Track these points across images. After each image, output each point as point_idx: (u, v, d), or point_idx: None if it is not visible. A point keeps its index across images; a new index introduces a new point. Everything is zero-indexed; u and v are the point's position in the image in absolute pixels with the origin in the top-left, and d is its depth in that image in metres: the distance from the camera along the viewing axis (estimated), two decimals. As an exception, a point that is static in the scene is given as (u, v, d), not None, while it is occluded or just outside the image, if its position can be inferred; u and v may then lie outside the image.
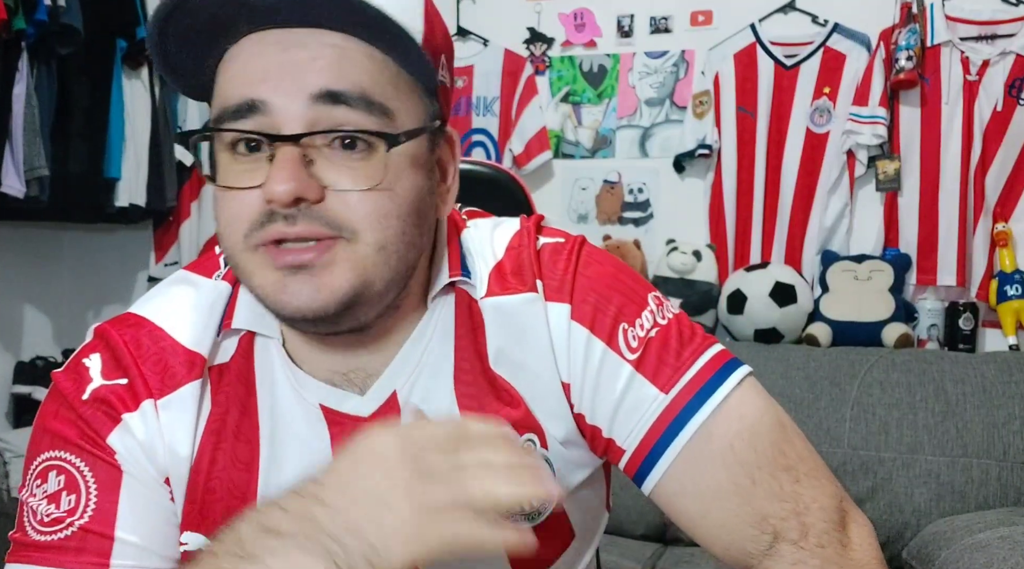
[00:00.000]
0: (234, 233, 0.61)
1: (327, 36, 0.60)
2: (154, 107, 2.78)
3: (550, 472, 0.68)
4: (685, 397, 0.66)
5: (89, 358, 0.68)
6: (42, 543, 0.63)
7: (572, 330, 0.67)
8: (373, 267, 0.61)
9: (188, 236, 2.98)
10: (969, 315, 2.29)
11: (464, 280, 0.69)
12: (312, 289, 0.59)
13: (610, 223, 2.68)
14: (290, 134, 0.58)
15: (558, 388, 0.68)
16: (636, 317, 0.68)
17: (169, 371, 0.67)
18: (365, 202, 0.59)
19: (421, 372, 0.68)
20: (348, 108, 0.59)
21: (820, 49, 2.45)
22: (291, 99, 0.58)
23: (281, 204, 0.58)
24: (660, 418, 0.65)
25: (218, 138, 0.61)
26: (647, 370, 0.66)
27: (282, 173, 0.57)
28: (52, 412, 0.67)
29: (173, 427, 0.66)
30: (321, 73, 0.58)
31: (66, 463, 0.65)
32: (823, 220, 2.44)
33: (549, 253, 0.70)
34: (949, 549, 1.64)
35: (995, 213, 2.31)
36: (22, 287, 2.83)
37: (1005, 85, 2.27)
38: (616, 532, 2.08)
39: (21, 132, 2.26)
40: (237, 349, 0.69)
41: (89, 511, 0.64)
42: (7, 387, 2.76)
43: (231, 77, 0.60)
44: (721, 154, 2.54)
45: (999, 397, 1.99)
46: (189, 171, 2.97)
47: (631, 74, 2.66)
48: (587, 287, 0.68)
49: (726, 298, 2.40)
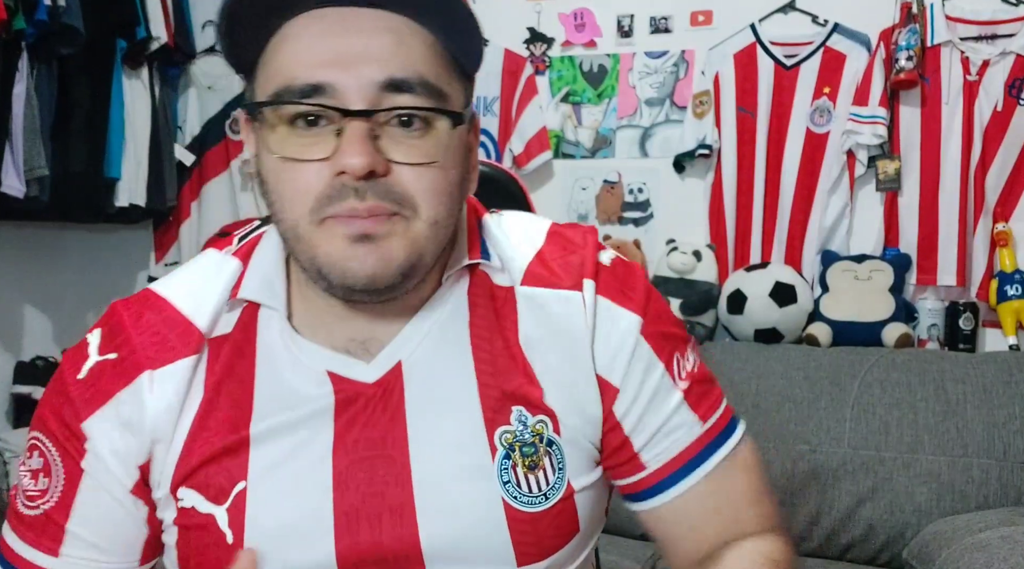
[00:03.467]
0: (300, 205, 0.62)
1: (385, 19, 0.62)
2: (154, 107, 2.78)
3: (560, 457, 0.70)
4: (718, 428, 0.74)
5: (92, 333, 0.72)
6: (21, 514, 0.71)
7: (639, 343, 0.71)
8: (426, 241, 0.64)
9: (188, 236, 2.98)
10: (969, 315, 2.29)
11: (485, 263, 0.72)
12: (376, 258, 0.62)
13: (610, 223, 2.68)
14: (362, 110, 0.60)
15: (592, 385, 0.71)
16: (685, 351, 0.74)
17: (167, 343, 0.69)
18: (424, 178, 0.62)
19: (427, 344, 0.70)
20: (411, 95, 0.61)
21: (820, 49, 2.45)
22: (356, 85, 0.60)
23: (355, 176, 0.60)
24: (695, 444, 0.72)
25: (277, 112, 0.62)
26: (692, 400, 0.73)
27: (356, 146, 0.60)
28: (48, 393, 0.71)
29: (167, 396, 0.68)
30: (384, 61, 0.61)
31: (44, 447, 0.70)
32: (823, 220, 2.44)
33: (621, 266, 0.75)
34: (949, 549, 1.64)
35: (995, 213, 2.31)
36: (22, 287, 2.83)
37: (1005, 85, 2.27)
38: (616, 532, 2.08)
39: (21, 132, 2.26)
40: (239, 321, 0.71)
41: (54, 498, 0.69)
42: (7, 387, 2.75)
43: (293, 56, 0.62)
44: (721, 154, 2.54)
45: (999, 397, 1.99)
46: (189, 171, 2.97)
47: (631, 74, 2.66)
48: (660, 310, 0.74)
49: (726, 298, 2.40)
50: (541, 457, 0.69)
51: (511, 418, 0.69)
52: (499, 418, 0.69)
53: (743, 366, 2.20)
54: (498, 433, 0.69)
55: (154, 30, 2.67)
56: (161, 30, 2.70)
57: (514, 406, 0.69)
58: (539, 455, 0.69)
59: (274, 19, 0.63)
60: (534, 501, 0.69)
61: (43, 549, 0.69)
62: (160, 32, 2.69)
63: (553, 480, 0.69)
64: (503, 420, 0.69)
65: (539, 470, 0.69)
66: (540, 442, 0.69)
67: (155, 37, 2.68)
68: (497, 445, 0.68)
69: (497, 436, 0.69)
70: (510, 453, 0.68)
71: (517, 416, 0.69)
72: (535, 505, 0.69)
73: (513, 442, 0.69)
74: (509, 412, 0.69)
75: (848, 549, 2.01)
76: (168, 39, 2.73)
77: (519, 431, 0.69)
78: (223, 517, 0.68)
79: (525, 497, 0.68)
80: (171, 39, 2.74)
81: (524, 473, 0.69)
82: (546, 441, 0.69)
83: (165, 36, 2.71)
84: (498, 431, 0.69)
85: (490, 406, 0.69)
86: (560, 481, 0.70)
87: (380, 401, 0.68)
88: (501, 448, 0.68)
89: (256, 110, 0.63)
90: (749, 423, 0.77)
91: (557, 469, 0.70)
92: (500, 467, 0.68)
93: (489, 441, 0.68)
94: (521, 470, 0.68)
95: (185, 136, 2.98)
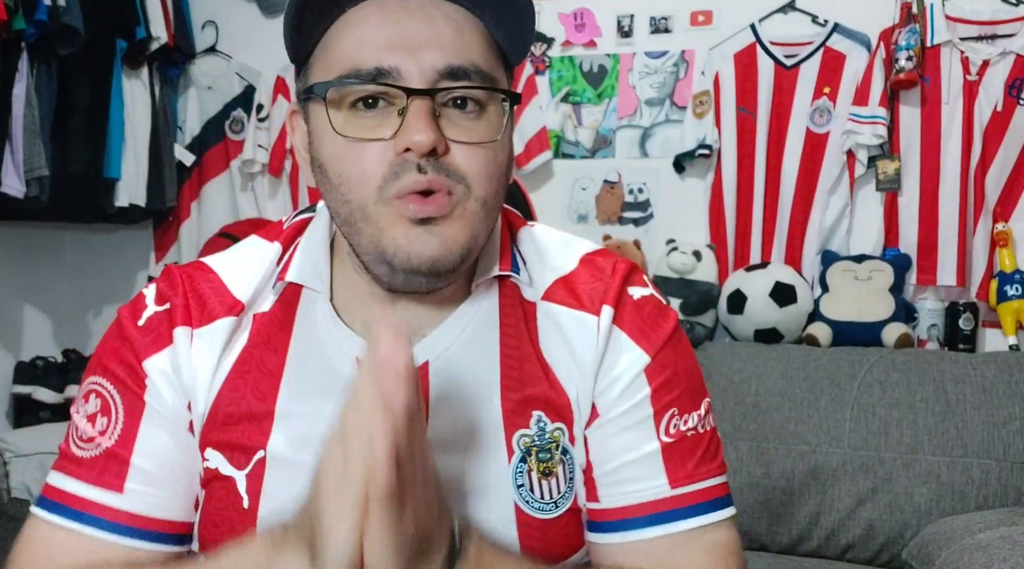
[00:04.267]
0: (367, 185, 0.64)
1: (443, 7, 0.65)
2: (154, 107, 2.79)
3: (571, 467, 0.70)
4: (687, 501, 0.69)
5: (148, 288, 0.76)
6: (77, 457, 0.71)
7: (638, 379, 0.70)
8: (479, 221, 0.66)
9: (188, 236, 2.98)
10: (969, 315, 2.29)
11: (514, 276, 0.73)
12: (439, 241, 0.64)
13: (610, 223, 2.68)
14: (425, 88, 0.63)
15: (588, 403, 0.71)
16: (687, 412, 0.71)
17: (209, 307, 0.73)
18: (478, 158, 0.65)
19: (456, 347, 0.71)
20: (468, 80, 0.64)
21: (820, 49, 2.45)
22: (419, 69, 0.63)
23: (419, 153, 0.62)
24: (655, 502, 0.69)
25: (339, 94, 0.64)
26: (669, 460, 0.70)
27: (421, 121, 0.62)
28: (106, 341, 0.74)
29: (203, 354, 0.71)
30: (444, 49, 0.63)
31: (104, 389, 0.72)
32: (823, 220, 2.44)
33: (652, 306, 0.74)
34: (949, 549, 1.64)
35: (995, 213, 2.31)
36: (22, 287, 2.83)
37: (1005, 85, 2.27)
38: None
39: (21, 132, 2.27)
40: (280, 299, 0.74)
41: (115, 435, 0.70)
42: (7, 387, 2.76)
43: (358, 42, 0.64)
44: (721, 154, 2.54)
45: (999, 397, 1.99)
46: (189, 171, 2.97)
47: (631, 74, 2.66)
48: (671, 357, 0.72)
49: (726, 298, 2.40)
50: (556, 464, 0.69)
51: (531, 422, 0.69)
52: (519, 421, 0.69)
53: (743, 366, 2.20)
54: (516, 436, 0.69)
55: (154, 30, 2.67)
56: (161, 30, 2.70)
57: (535, 410, 0.70)
58: (554, 462, 0.69)
59: (338, 8, 0.65)
60: (545, 508, 0.69)
61: (106, 485, 0.69)
62: (160, 32, 2.70)
63: (564, 489, 0.70)
64: (523, 423, 0.69)
65: (552, 477, 0.70)
66: (556, 449, 0.70)
67: (155, 37, 2.68)
68: (515, 448, 0.69)
69: (515, 439, 0.69)
70: (526, 457, 0.69)
71: (536, 421, 0.70)
72: (546, 512, 0.69)
73: (530, 446, 0.69)
74: (529, 416, 0.70)
75: (848, 549, 2.01)
76: (168, 39, 2.73)
77: (537, 436, 0.69)
78: (242, 482, 0.70)
79: (537, 503, 0.69)
80: (171, 39, 2.75)
81: (538, 478, 0.69)
82: (561, 449, 0.70)
83: (165, 36, 2.71)
84: (516, 434, 0.69)
85: (511, 409, 0.69)
86: (570, 491, 0.70)
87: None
88: (518, 451, 0.69)
89: (321, 91, 0.65)
90: (749, 423, 0.76)
91: (568, 478, 0.70)
92: (516, 470, 0.69)
93: (507, 443, 0.69)
94: (536, 475, 0.69)
95: (185, 136, 2.98)
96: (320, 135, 0.66)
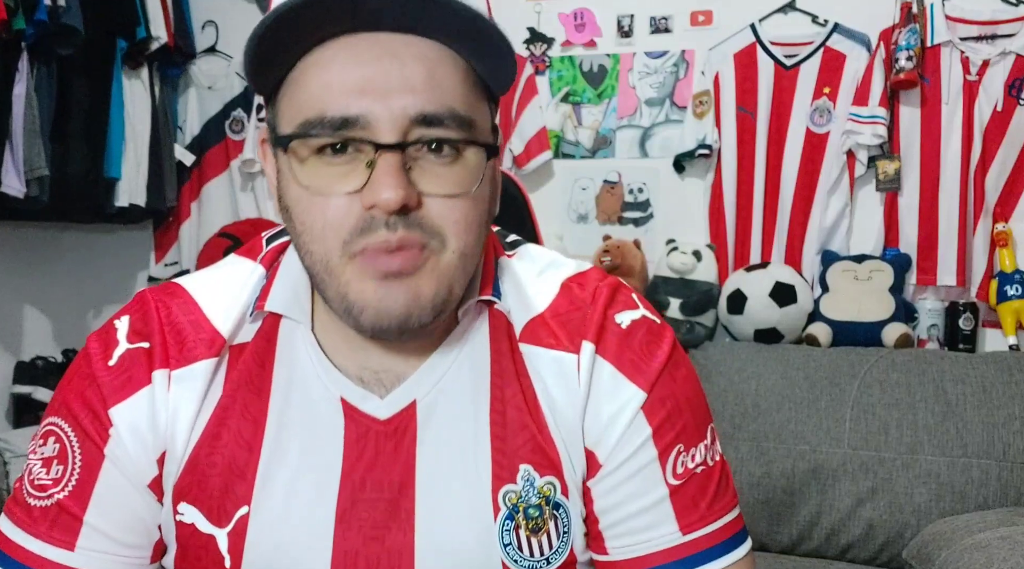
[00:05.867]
0: (331, 239, 0.60)
1: (418, 45, 0.60)
2: (154, 107, 2.78)
3: (566, 521, 0.67)
4: (700, 545, 0.66)
5: (120, 319, 0.70)
6: (28, 505, 0.67)
7: (636, 420, 0.66)
8: (455, 273, 0.62)
9: (188, 236, 2.98)
10: (969, 315, 2.29)
11: (495, 301, 0.69)
12: (409, 298, 0.60)
13: (610, 223, 2.68)
14: (395, 142, 0.58)
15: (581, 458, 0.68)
16: (693, 446, 0.67)
17: (188, 345, 0.67)
18: (456, 209, 0.61)
19: (447, 385, 0.68)
20: (442, 128, 0.59)
21: (820, 49, 2.45)
22: (389, 117, 0.58)
23: (388, 211, 0.58)
24: (668, 551, 0.66)
25: (306, 143, 0.60)
26: (678, 504, 0.66)
27: (389, 178, 0.57)
28: (71, 376, 0.69)
29: (182, 399, 0.67)
30: (416, 94, 0.59)
31: (63, 433, 0.67)
32: (823, 220, 2.44)
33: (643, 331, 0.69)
34: (949, 549, 1.64)
35: (995, 213, 2.31)
36: (22, 287, 2.83)
37: (1005, 85, 2.27)
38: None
39: (21, 132, 2.27)
40: (260, 330, 0.69)
41: (70, 487, 0.66)
42: (7, 387, 2.75)
43: (324, 85, 0.59)
44: (721, 154, 2.54)
45: (999, 397, 1.99)
46: (189, 171, 2.97)
47: (631, 74, 2.66)
48: (670, 387, 0.67)
49: (726, 298, 2.40)
50: (546, 520, 0.66)
51: (517, 477, 0.66)
52: (505, 475, 0.66)
53: (743, 366, 2.20)
54: (502, 492, 0.66)
55: (154, 30, 2.67)
56: (161, 30, 2.70)
57: (522, 464, 0.66)
58: (544, 518, 0.66)
59: (303, 44, 0.60)
60: (536, 565, 0.66)
61: (56, 543, 0.65)
62: (160, 32, 2.69)
63: (557, 544, 0.67)
64: (509, 478, 0.66)
65: (543, 533, 0.66)
66: (547, 505, 0.66)
67: (155, 37, 2.68)
68: (501, 505, 0.66)
69: (501, 495, 0.66)
70: (513, 514, 0.66)
71: (524, 475, 0.66)
72: None
73: (517, 503, 0.66)
74: (516, 470, 0.66)
75: (848, 549, 2.01)
76: (168, 39, 2.73)
77: (525, 492, 0.66)
78: (224, 541, 0.66)
79: (526, 561, 0.66)
80: (171, 39, 2.75)
81: (527, 536, 0.66)
82: (553, 504, 0.67)
83: (165, 36, 2.71)
84: (502, 490, 0.66)
85: (499, 461, 0.66)
86: (564, 546, 0.67)
87: (391, 440, 0.66)
88: (504, 508, 0.66)
89: (283, 143, 0.61)
90: (749, 423, 0.74)
91: (562, 533, 0.67)
92: (502, 528, 0.66)
93: (493, 500, 0.66)
94: (524, 533, 0.66)
95: (185, 136, 2.98)
96: (285, 178, 0.62)
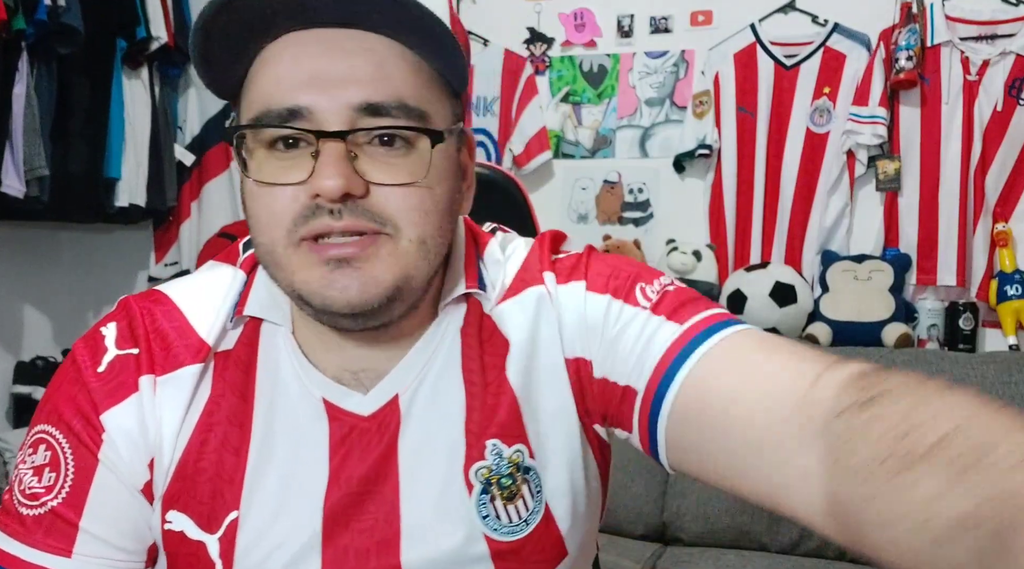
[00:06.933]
0: (276, 228, 0.61)
1: (366, 40, 0.61)
2: (154, 107, 2.79)
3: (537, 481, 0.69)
4: (701, 326, 0.64)
5: (107, 326, 0.70)
6: (21, 515, 0.66)
7: (588, 301, 0.68)
8: (414, 261, 0.62)
9: (188, 236, 2.98)
10: (969, 315, 2.29)
11: (479, 292, 0.70)
12: (359, 283, 0.60)
13: (610, 223, 2.68)
14: (337, 130, 0.59)
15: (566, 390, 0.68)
16: (652, 280, 0.69)
17: (173, 351, 0.68)
18: (408, 197, 0.61)
19: (426, 377, 0.69)
20: (389, 118, 0.60)
21: (820, 49, 2.45)
22: (334, 107, 0.59)
23: (329, 198, 0.59)
24: (676, 342, 0.64)
25: (256, 135, 0.61)
26: (663, 311, 0.66)
27: (330, 168, 0.58)
28: (59, 383, 0.69)
29: (167, 405, 0.67)
30: (362, 85, 0.59)
31: (54, 441, 0.66)
32: (823, 220, 2.44)
33: (563, 257, 0.72)
34: (949, 549, 1.64)
35: (995, 213, 2.31)
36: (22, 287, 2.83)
37: (1005, 85, 2.28)
38: (616, 532, 2.08)
39: (21, 132, 2.27)
40: (241, 335, 0.70)
41: (63, 494, 0.65)
42: (7, 387, 2.75)
43: (273, 80, 0.61)
44: (721, 154, 2.54)
45: (999, 397, 1.97)
46: (189, 171, 2.97)
47: (631, 74, 2.66)
48: (600, 266, 0.70)
49: (726, 298, 2.40)
50: (519, 486, 0.68)
51: (485, 453, 0.68)
52: (474, 454, 0.68)
53: (743, 366, 2.20)
54: (473, 469, 0.67)
55: (154, 30, 2.67)
56: (161, 30, 2.70)
57: (488, 440, 0.68)
58: (517, 485, 0.68)
59: (253, 43, 0.61)
60: (515, 530, 0.68)
61: (53, 550, 0.65)
62: (160, 32, 2.70)
63: (532, 505, 0.69)
64: (477, 456, 0.68)
65: (518, 498, 0.68)
66: (518, 471, 0.68)
67: (155, 37, 2.68)
68: (473, 482, 0.67)
69: (473, 473, 0.67)
70: (488, 487, 0.67)
71: (491, 450, 0.68)
72: (516, 533, 0.68)
73: (490, 477, 0.68)
74: (483, 447, 0.68)
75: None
76: (168, 39, 2.73)
77: (495, 465, 0.68)
78: (214, 546, 0.66)
79: (506, 528, 0.68)
80: (171, 39, 2.75)
81: (503, 505, 0.68)
82: (523, 469, 0.68)
83: (165, 36, 2.71)
84: (473, 467, 0.67)
85: (470, 442, 0.68)
86: (539, 504, 0.69)
87: (375, 435, 0.67)
88: (477, 484, 0.67)
89: (236, 135, 0.62)
90: None
91: (535, 493, 0.69)
92: (478, 503, 0.67)
93: (465, 478, 0.67)
94: (500, 502, 0.68)
95: (185, 136, 2.98)
96: (241, 174, 0.63)
